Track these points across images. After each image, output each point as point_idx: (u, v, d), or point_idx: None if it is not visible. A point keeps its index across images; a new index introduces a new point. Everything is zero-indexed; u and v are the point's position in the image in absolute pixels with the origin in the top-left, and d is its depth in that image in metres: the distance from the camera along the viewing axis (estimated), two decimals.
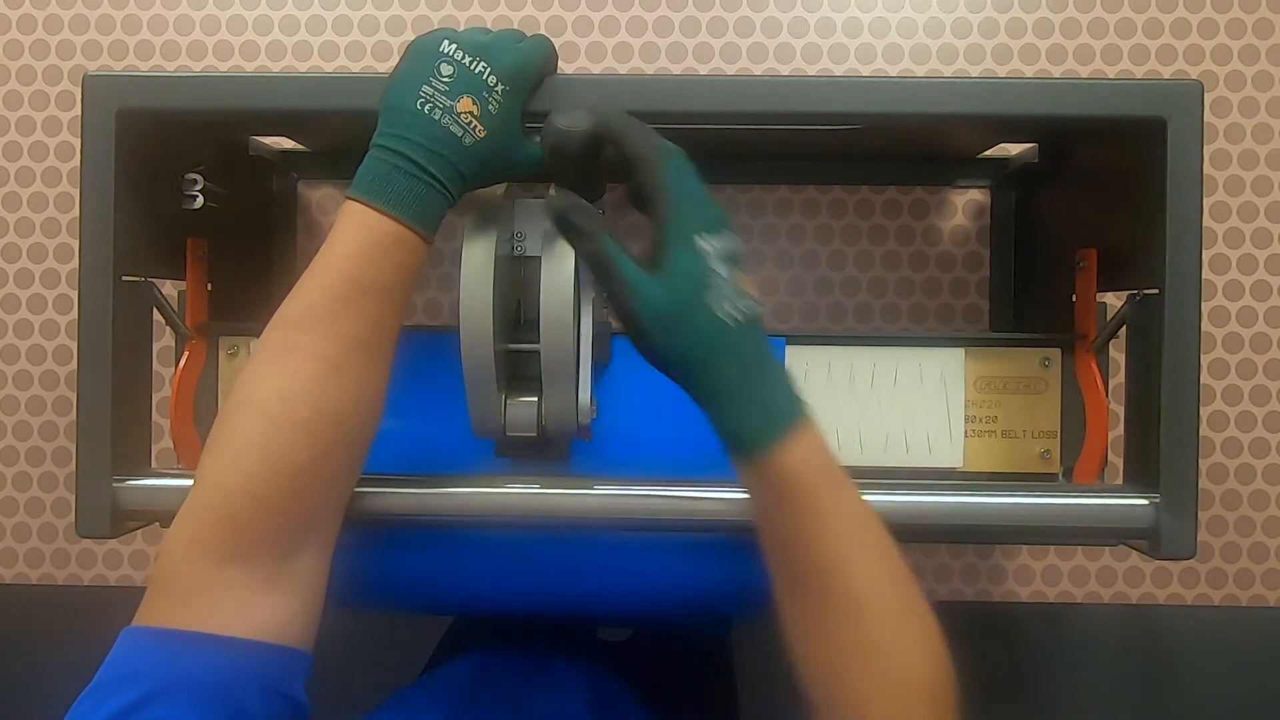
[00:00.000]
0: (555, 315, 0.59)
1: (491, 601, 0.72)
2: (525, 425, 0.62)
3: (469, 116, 0.53)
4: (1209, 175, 1.04)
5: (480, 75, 0.53)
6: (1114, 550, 1.07)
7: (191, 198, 0.74)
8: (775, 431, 0.48)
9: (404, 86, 0.53)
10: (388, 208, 0.51)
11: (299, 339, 0.51)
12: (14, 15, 1.06)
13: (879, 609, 0.48)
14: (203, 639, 0.46)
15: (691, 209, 0.49)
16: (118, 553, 1.09)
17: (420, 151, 0.52)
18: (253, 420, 0.49)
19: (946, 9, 1.05)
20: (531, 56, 0.56)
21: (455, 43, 0.53)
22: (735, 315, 0.49)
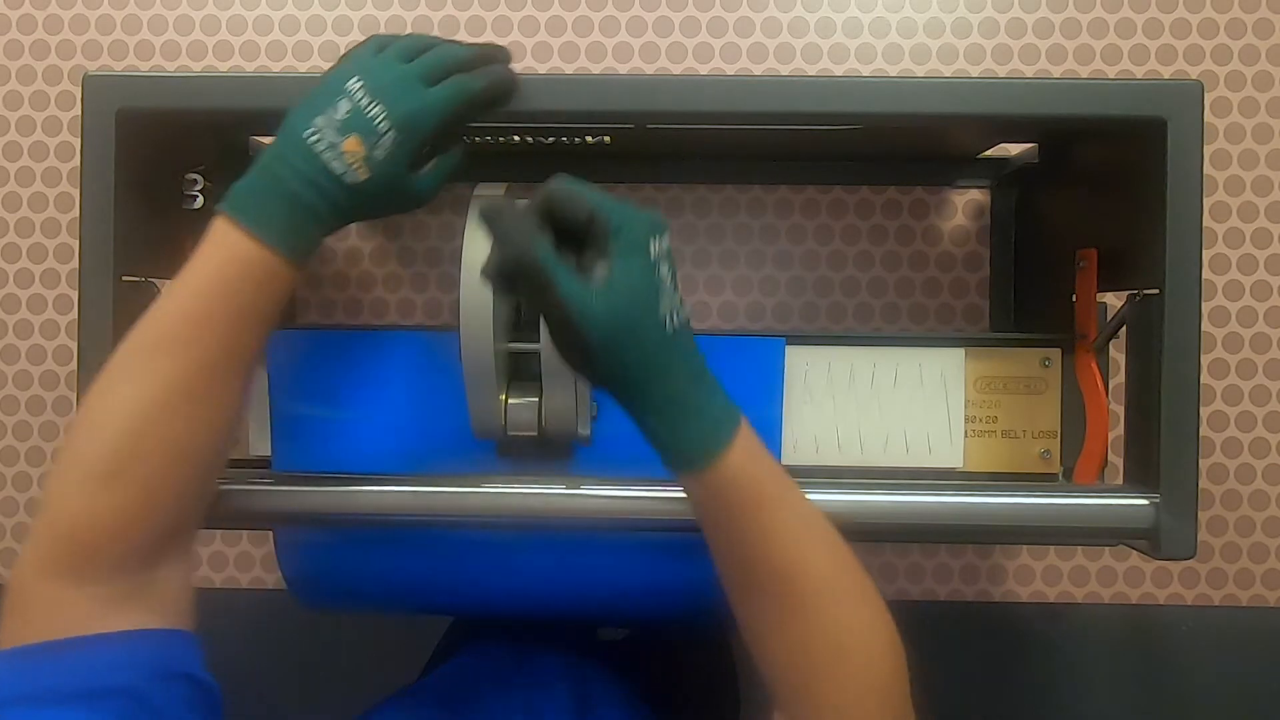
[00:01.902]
0: None
1: (488, 602, 0.72)
2: (526, 425, 0.62)
3: (353, 157, 0.52)
4: (1209, 175, 1.04)
5: (372, 120, 0.52)
6: (1114, 550, 1.07)
7: (191, 198, 0.74)
8: (719, 439, 0.48)
9: (303, 112, 0.52)
10: (253, 228, 0.51)
11: (152, 362, 0.50)
12: (14, 15, 1.06)
13: (835, 601, 0.48)
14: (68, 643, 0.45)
15: (639, 215, 0.48)
16: None
17: (298, 178, 0.51)
18: (103, 445, 0.48)
19: (946, 9, 1.05)
20: (435, 107, 0.53)
21: (361, 80, 0.52)
22: (676, 323, 0.47)
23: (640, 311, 0.46)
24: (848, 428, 0.72)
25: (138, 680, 0.45)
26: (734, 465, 0.48)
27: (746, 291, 1.06)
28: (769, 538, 0.48)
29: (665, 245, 0.48)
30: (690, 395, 0.48)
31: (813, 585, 0.48)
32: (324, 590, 0.72)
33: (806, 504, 0.50)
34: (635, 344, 0.46)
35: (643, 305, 0.46)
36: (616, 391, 0.48)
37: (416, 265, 1.05)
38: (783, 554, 0.48)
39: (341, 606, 0.78)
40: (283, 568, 0.70)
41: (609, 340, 0.46)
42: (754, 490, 0.48)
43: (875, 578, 0.50)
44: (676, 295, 0.48)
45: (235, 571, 1.08)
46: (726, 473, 0.47)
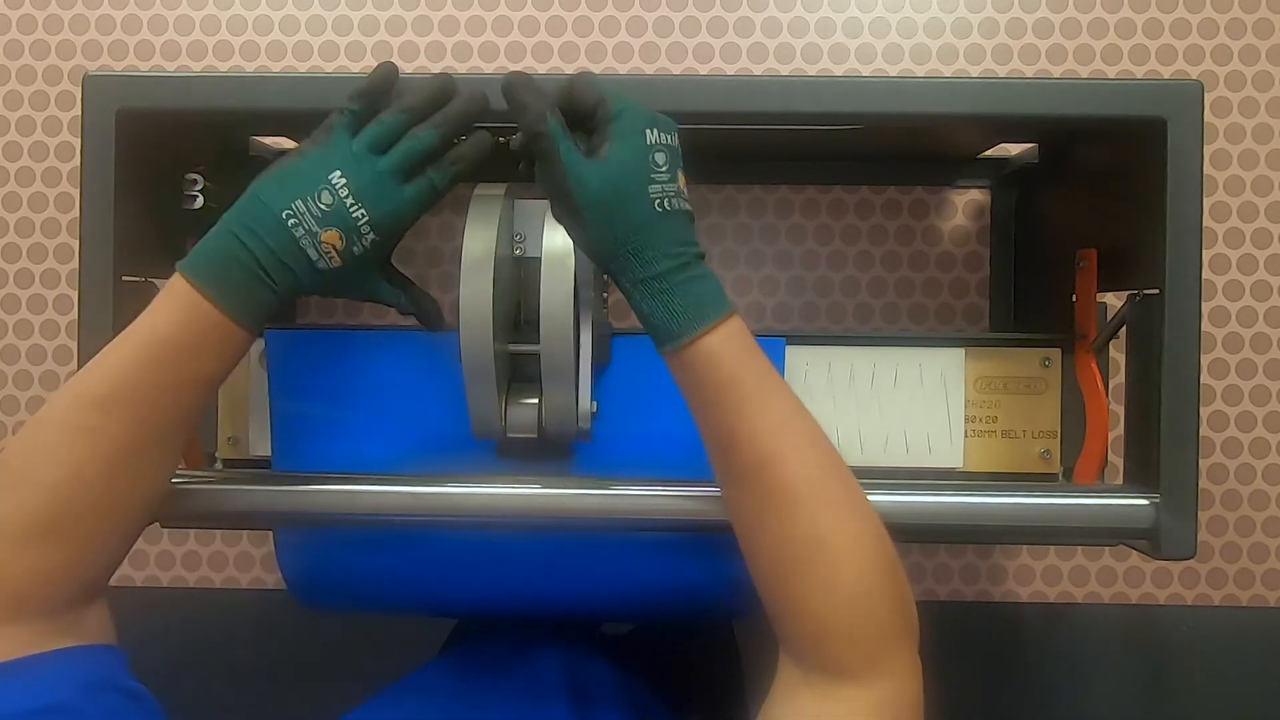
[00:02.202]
0: (556, 316, 0.59)
1: (488, 602, 0.72)
2: (526, 426, 0.61)
3: (330, 248, 0.53)
4: (1209, 175, 1.04)
5: (356, 220, 0.53)
6: (1114, 550, 1.07)
7: (191, 198, 0.74)
8: (698, 319, 0.49)
9: (280, 189, 0.52)
10: (219, 299, 0.51)
11: (98, 421, 0.49)
12: (14, 15, 1.06)
13: (814, 502, 0.49)
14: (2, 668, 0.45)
15: (642, 107, 0.52)
16: None
17: (270, 258, 0.52)
18: (39, 501, 0.48)
19: (946, 9, 1.05)
20: (411, 208, 0.55)
21: (344, 177, 0.53)
22: (668, 205, 0.50)
23: (630, 186, 0.50)
24: (848, 428, 0.72)
25: (69, 695, 0.45)
26: (713, 348, 0.49)
27: (746, 291, 1.06)
28: (745, 426, 0.49)
29: (667, 139, 0.51)
30: (676, 274, 0.50)
31: (790, 483, 0.48)
32: (324, 590, 0.72)
33: (793, 408, 0.50)
34: (622, 215, 0.50)
35: (632, 181, 0.50)
36: (607, 262, 0.51)
37: (416, 265, 1.05)
38: (758, 445, 0.49)
39: (341, 606, 0.78)
40: (283, 568, 0.70)
41: (598, 208, 0.50)
42: (732, 377, 0.49)
43: None
44: (674, 184, 0.51)
45: (235, 571, 1.08)
46: (705, 354, 0.49)
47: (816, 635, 0.48)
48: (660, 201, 0.50)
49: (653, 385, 0.68)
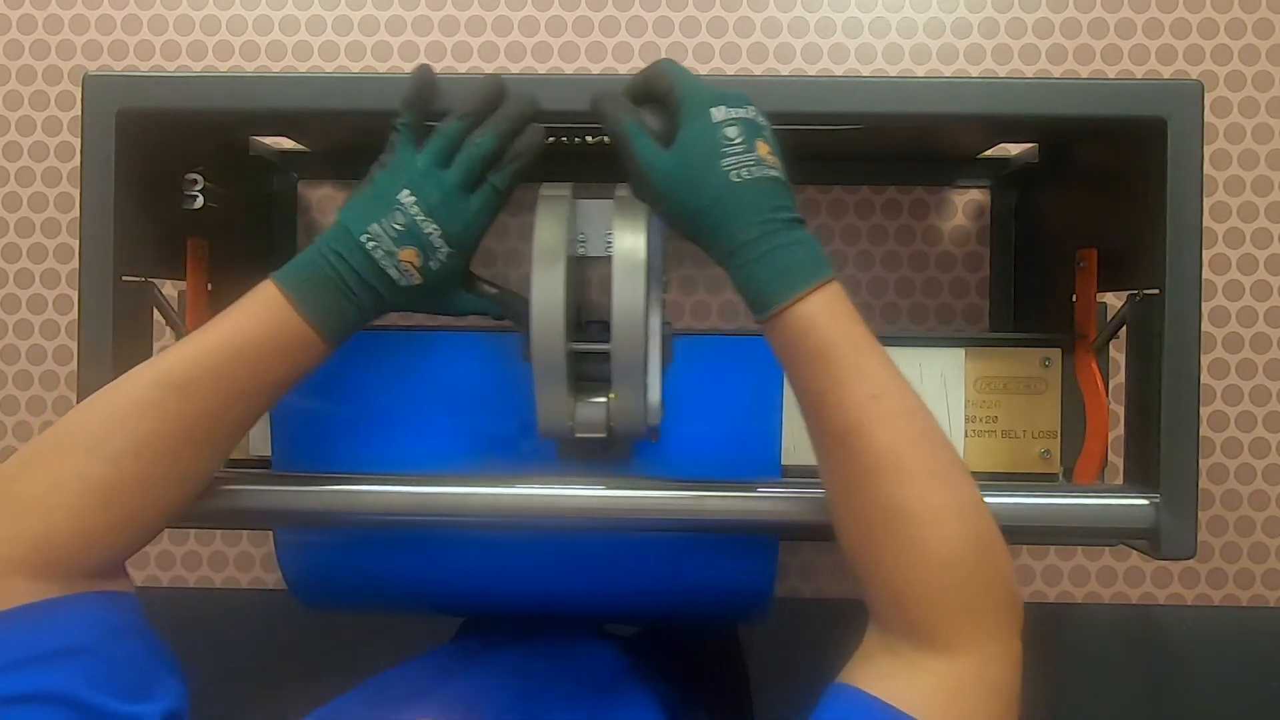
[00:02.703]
0: (629, 316, 0.58)
1: (489, 601, 0.73)
2: (595, 426, 0.61)
3: (409, 265, 0.56)
4: (1209, 175, 1.04)
5: (429, 235, 0.56)
6: (1114, 550, 1.07)
7: (191, 198, 0.74)
8: (788, 288, 0.50)
9: (358, 214, 0.55)
10: (304, 308, 0.54)
11: (173, 402, 0.51)
12: (14, 15, 1.06)
13: (901, 472, 0.48)
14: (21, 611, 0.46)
15: (707, 89, 0.54)
16: None
17: (355, 278, 0.55)
18: (104, 468, 0.50)
19: (946, 9, 1.05)
20: (480, 218, 0.57)
21: (414, 196, 0.55)
22: (745, 175, 0.51)
23: (699, 164, 0.52)
24: None
25: (95, 637, 0.47)
26: (804, 317, 0.50)
27: None
28: (834, 394, 0.49)
29: (738, 113, 0.53)
30: (760, 242, 0.51)
31: (875, 452, 0.48)
32: (324, 590, 0.72)
33: (886, 377, 0.50)
34: (695, 192, 0.52)
35: (701, 159, 0.52)
36: (695, 237, 0.53)
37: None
38: (846, 413, 0.49)
39: (341, 606, 0.78)
40: (283, 568, 0.70)
41: (674, 189, 0.52)
42: (823, 345, 0.50)
43: None
44: (752, 154, 0.52)
45: (235, 571, 1.08)
46: (795, 322, 0.50)
47: (899, 603, 0.48)
48: (736, 172, 0.51)
49: (714, 385, 0.68)
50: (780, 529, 0.64)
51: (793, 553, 1.08)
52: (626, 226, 0.59)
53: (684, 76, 0.54)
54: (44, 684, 0.44)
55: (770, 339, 0.52)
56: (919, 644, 0.47)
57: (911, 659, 0.47)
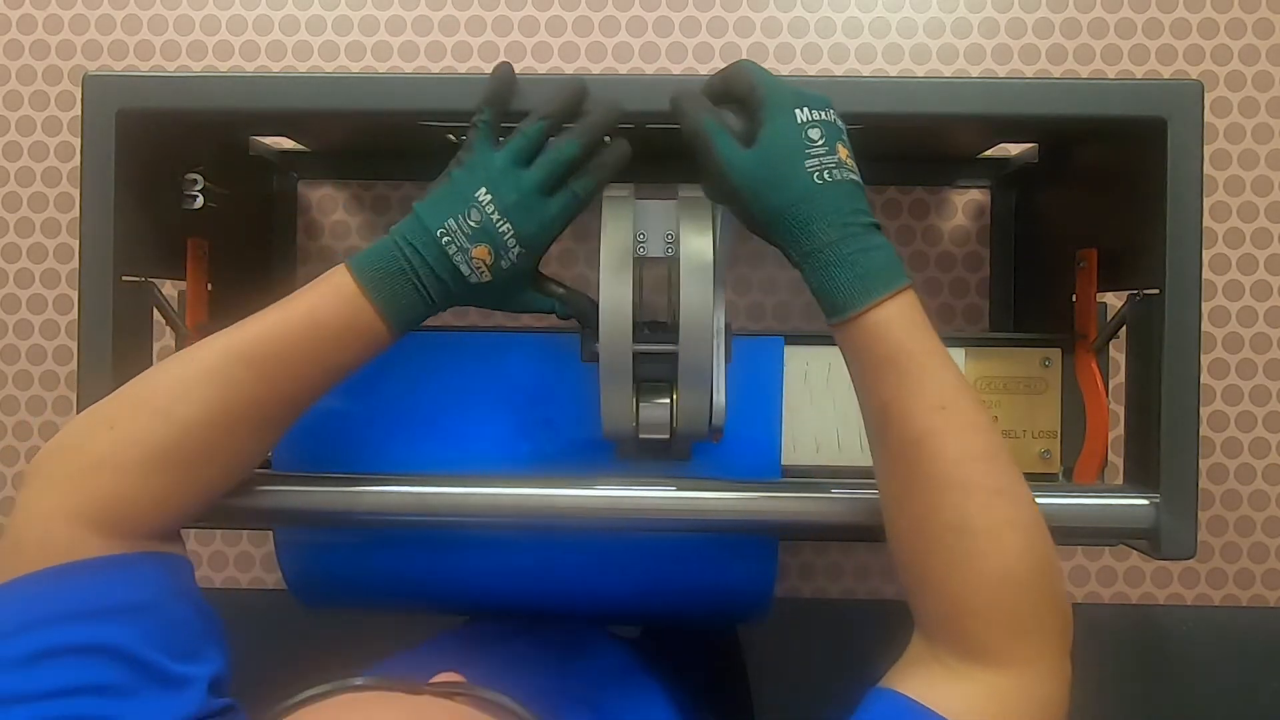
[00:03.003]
0: (696, 317, 0.58)
1: (489, 601, 0.72)
2: (659, 427, 0.61)
3: (481, 263, 0.56)
4: (1209, 175, 1.04)
5: (502, 235, 0.56)
6: (1114, 550, 1.07)
7: (191, 198, 0.74)
8: (864, 293, 0.50)
9: (435, 208, 0.56)
10: (375, 296, 0.55)
11: (243, 374, 0.53)
12: (14, 15, 1.06)
13: (965, 485, 0.48)
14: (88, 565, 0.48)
15: (791, 90, 0.54)
16: None
17: (427, 271, 0.55)
18: (170, 435, 0.51)
19: (946, 9, 1.05)
20: (557, 221, 0.58)
21: (490, 194, 0.55)
22: (827, 177, 0.51)
23: (783, 164, 0.51)
24: (848, 428, 0.72)
25: (155, 597, 0.49)
26: (878, 323, 0.49)
27: (746, 291, 1.06)
28: (899, 404, 0.49)
29: (820, 115, 0.53)
30: (840, 245, 0.50)
31: (940, 465, 0.48)
32: (324, 590, 0.72)
33: (955, 390, 0.50)
34: (781, 190, 0.51)
35: (785, 159, 0.51)
36: (772, 238, 0.53)
37: None
38: (911, 424, 0.49)
39: (341, 606, 0.78)
40: (283, 568, 0.70)
41: (756, 186, 0.52)
42: (892, 353, 0.49)
43: (877, 579, 0.50)
44: (833, 156, 0.52)
45: (235, 571, 1.08)
46: (867, 329, 0.50)
47: (952, 615, 0.48)
48: (819, 174, 0.51)
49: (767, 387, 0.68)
50: (780, 529, 0.64)
51: (793, 553, 1.08)
52: (692, 227, 0.59)
53: (765, 77, 0.54)
54: (102, 636, 0.45)
55: (841, 343, 0.52)
56: (968, 656, 0.47)
57: (959, 670, 0.47)
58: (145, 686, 0.45)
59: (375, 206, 1.06)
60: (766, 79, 0.54)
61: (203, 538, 1.08)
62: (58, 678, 0.43)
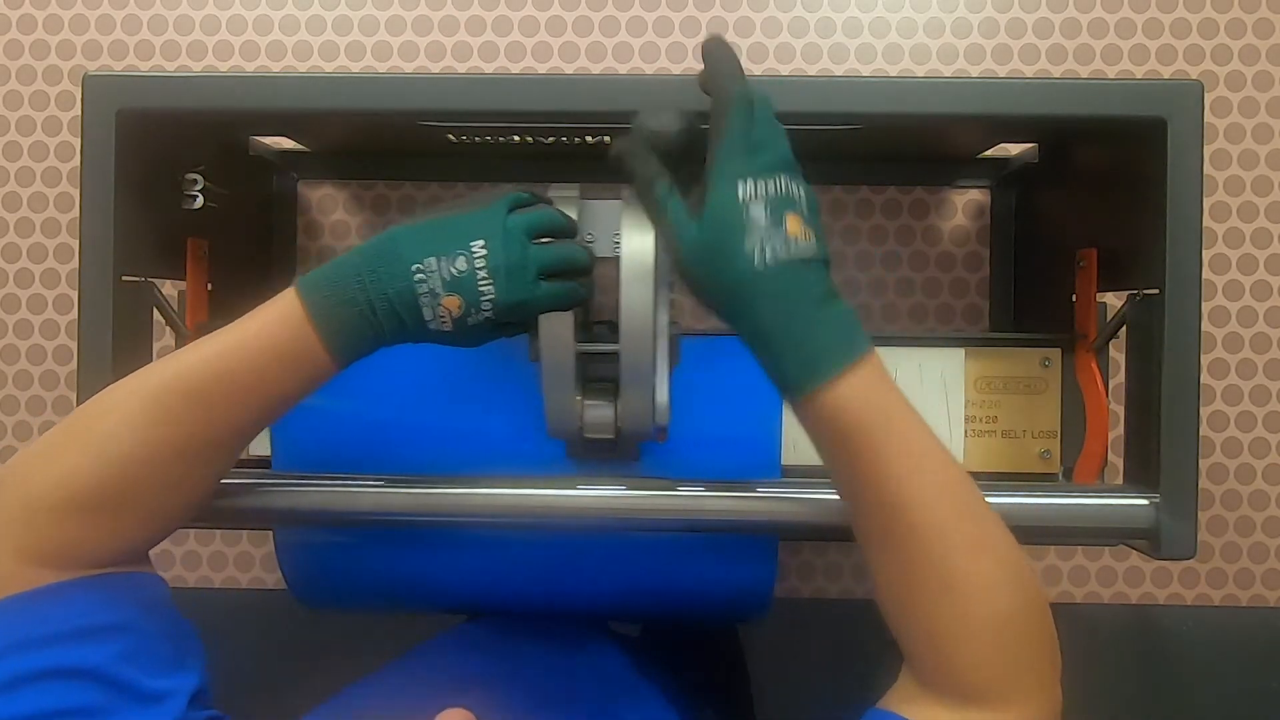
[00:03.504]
0: (636, 318, 0.58)
1: (489, 600, 0.72)
2: (603, 427, 0.61)
3: (447, 313, 0.52)
4: (1209, 175, 1.04)
5: (480, 293, 0.52)
6: (1114, 550, 1.07)
7: (191, 198, 0.74)
8: (815, 374, 0.47)
9: (418, 240, 0.52)
10: (323, 329, 0.51)
11: (180, 410, 0.50)
12: (14, 15, 1.06)
13: (947, 545, 0.47)
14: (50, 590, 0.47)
15: (740, 153, 0.49)
16: None
17: (385, 307, 0.51)
18: (106, 474, 0.49)
19: (946, 9, 1.05)
20: (540, 303, 0.55)
21: (486, 248, 0.52)
22: (770, 258, 0.48)
23: (723, 245, 0.48)
24: None
25: (132, 615, 0.48)
26: (833, 402, 0.47)
27: None
28: (873, 476, 0.48)
29: (766, 188, 0.49)
30: (785, 329, 0.48)
31: (918, 529, 0.47)
32: (324, 590, 0.72)
33: (927, 447, 0.48)
34: (718, 274, 0.49)
35: (724, 239, 0.48)
36: (719, 315, 0.50)
37: None
38: (885, 492, 0.48)
39: (341, 606, 0.78)
40: (283, 568, 0.70)
41: (697, 267, 0.49)
42: (856, 428, 0.47)
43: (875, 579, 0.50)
44: (779, 232, 0.48)
45: (235, 571, 1.08)
46: (824, 409, 0.47)
47: (946, 669, 0.48)
48: (761, 257, 0.48)
49: (720, 386, 0.68)
50: (780, 529, 0.64)
51: (793, 553, 1.08)
52: (635, 227, 0.59)
53: (723, 139, 0.50)
54: (74, 659, 0.44)
55: (800, 419, 0.50)
56: (965, 701, 0.47)
57: (958, 710, 0.47)
58: (122, 705, 0.44)
59: (375, 206, 1.06)
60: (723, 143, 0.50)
61: (202, 538, 1.08)
62: (32, 703, 0.42)
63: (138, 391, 0.51)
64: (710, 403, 0.68)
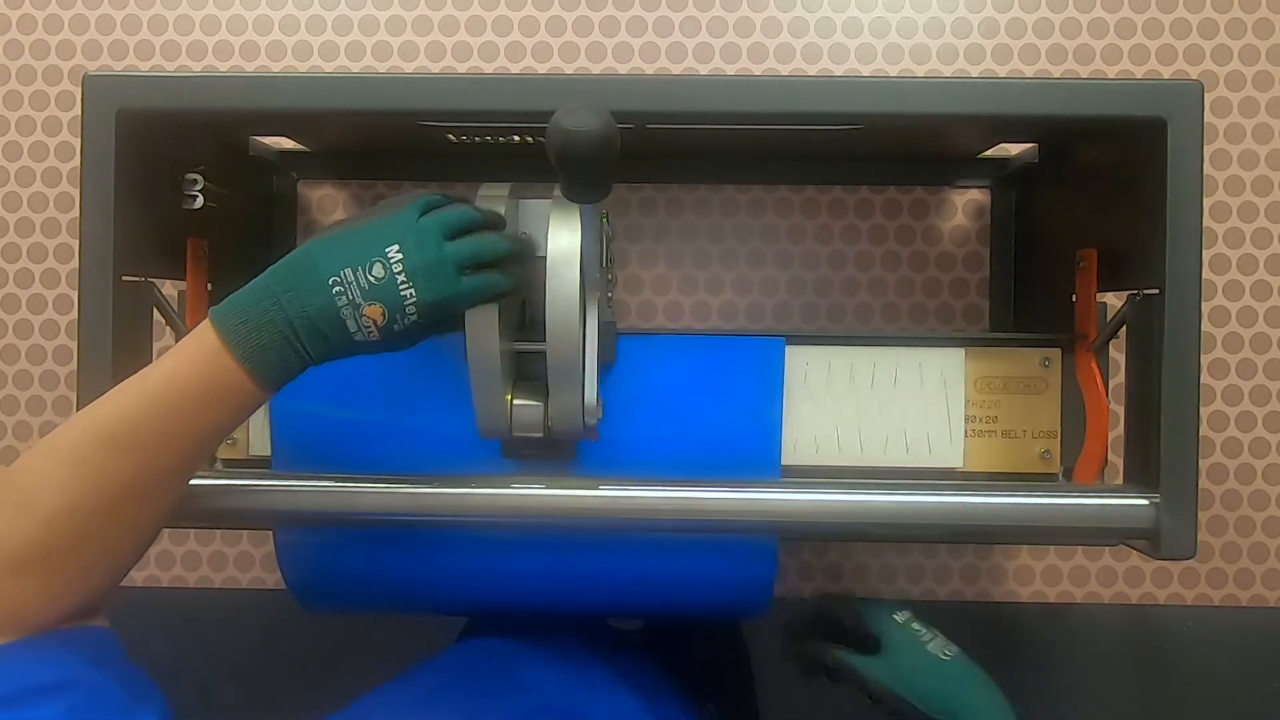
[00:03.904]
0: (561, 315, 0.58)
1: (489, 601, 0.72)
2: (531, 426, 0.61)
3: (371, 322, 0.51)
4: (1209, 175, 1.04)
5: (402, 298, 0.51)
6: (1114, 550, 1.07)
7: (191, 198, 0.74)
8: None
9: (332, 251, 0.51)
10: (243, 358, 0.50)
11: (104, 457, 0.49)
12: (14, 15, 1.06)
13: None
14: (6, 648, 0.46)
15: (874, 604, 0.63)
16: None
17: (306, 325, 0.50)
18: (38, 531, 0.48)
19: (946, 9, 1.05)
20: (464, 299, 0.54)
21: (401, 252, 0.51)
22: (946, 654, 0.60)
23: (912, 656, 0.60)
24: (848, 428, 0.72)
25: (77, 670, 0.46)
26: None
27: (746, 291, 1.06)
28: None
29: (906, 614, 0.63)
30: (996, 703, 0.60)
31: None
32: (324, 590, 0.72)
33: None
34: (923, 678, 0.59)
35: (911, 651, 0.61)
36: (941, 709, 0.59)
37: None
38: None
39: (341, 606, 0.78)
40: (283, 568, 0.70)
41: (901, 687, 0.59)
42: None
43: (876, 579, 0.51)
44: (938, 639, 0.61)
45: (235, 571, 1.08)
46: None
47: None
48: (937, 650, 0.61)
49: (657, 384, 0.68)
50: (780, 529, 0.65)
51: (793, 553, 1.08)
52: (561, 225, 0.59)
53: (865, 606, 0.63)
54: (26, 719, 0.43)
55: None
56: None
57: None
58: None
59: None
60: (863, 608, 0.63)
61: (203, 538, 1.08)
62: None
63: (59, 446, 0.49)
64: (710, 402, 0.68)
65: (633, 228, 1.05)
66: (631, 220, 1.06)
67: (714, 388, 0.68)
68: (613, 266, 0.72)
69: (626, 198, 1.06)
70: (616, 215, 1.05)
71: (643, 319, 1.06)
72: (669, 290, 1.06)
